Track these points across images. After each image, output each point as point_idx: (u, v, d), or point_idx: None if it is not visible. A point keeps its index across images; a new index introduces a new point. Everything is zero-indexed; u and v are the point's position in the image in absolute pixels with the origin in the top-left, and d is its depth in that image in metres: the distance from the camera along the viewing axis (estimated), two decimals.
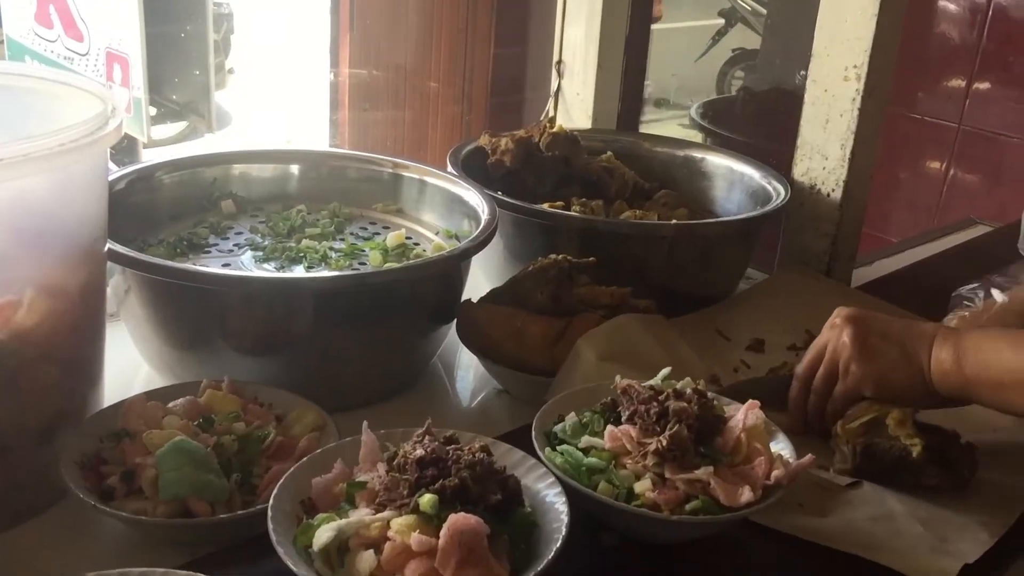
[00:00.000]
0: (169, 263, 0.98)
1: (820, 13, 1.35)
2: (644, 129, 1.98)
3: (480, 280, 1.32)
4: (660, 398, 0.86)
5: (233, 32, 4.95)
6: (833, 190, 1.38)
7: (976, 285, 1.33)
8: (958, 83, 2.59)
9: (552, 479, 0.81)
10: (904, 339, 0.96)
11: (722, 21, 5.71)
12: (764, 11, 5.08)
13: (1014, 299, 1.15)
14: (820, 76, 1.36)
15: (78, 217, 0.86)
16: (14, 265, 0.80)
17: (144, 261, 0.95)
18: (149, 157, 1.26)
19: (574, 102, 1.68)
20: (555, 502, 0.79)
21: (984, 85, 2.55)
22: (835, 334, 1.00)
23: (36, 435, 0.84)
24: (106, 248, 0.92)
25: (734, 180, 1.48)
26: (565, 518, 0.76)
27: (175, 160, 1.22)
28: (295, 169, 1.30)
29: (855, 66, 1.32)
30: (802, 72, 1.42)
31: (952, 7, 2.53)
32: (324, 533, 0.72)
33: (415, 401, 1.12)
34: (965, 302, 1.30)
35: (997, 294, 1.23)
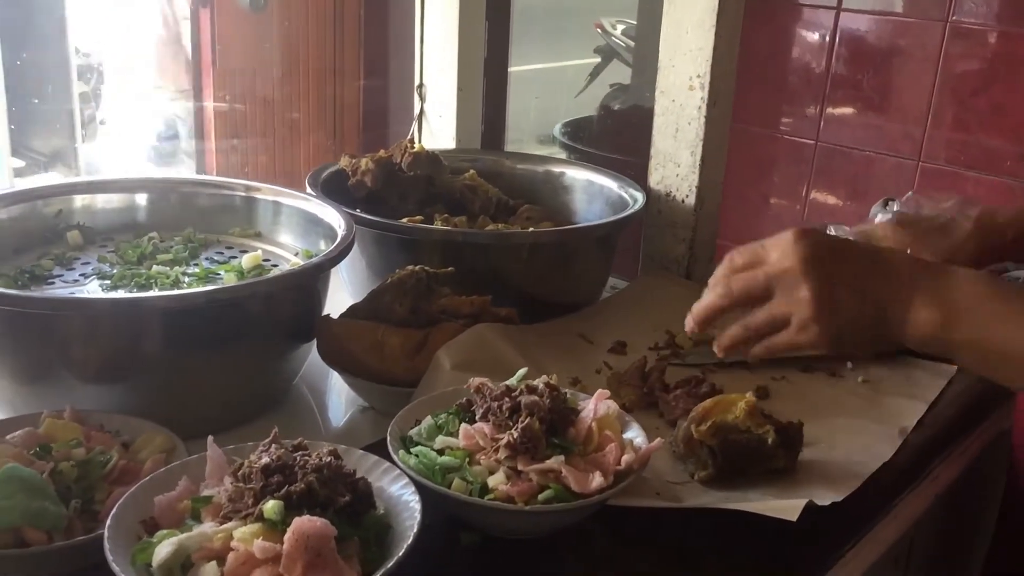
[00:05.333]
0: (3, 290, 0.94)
1: (663, 27, 1.40)
2: None
3: (347, 302, 1.31)
4: (513, 394, 0.86)
5: (104, 83, 4.82)
6: (687, 196, 1.43)
7: None
8: (814, 102, 2.73)
9: (406, 480, 0.81)
10: (879, 294, 0.83)
11: (599, 58, 5.87)
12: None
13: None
14: (667, 87, 1.41)
15: None
16: None
17: None
18: None
19: (437, 124, 1.69)
20: (409, 501, 0.79)
21: (836, 103, 2.69)
22: (790, 281, 0.83)
23: None
24: None
25: (594, 192, 1.51)
26: (418, 516, 0.76)
27: (13, 193, 1.17)
28: (143, 198, 1.26)
29: (698, 76, 1.37)
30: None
31: (805, 36, 2.67)
32: (163, 548, 0.69)
33: (277, 423, 1.09)
34: None
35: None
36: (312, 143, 2.26)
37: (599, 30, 6.45)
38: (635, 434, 0.90)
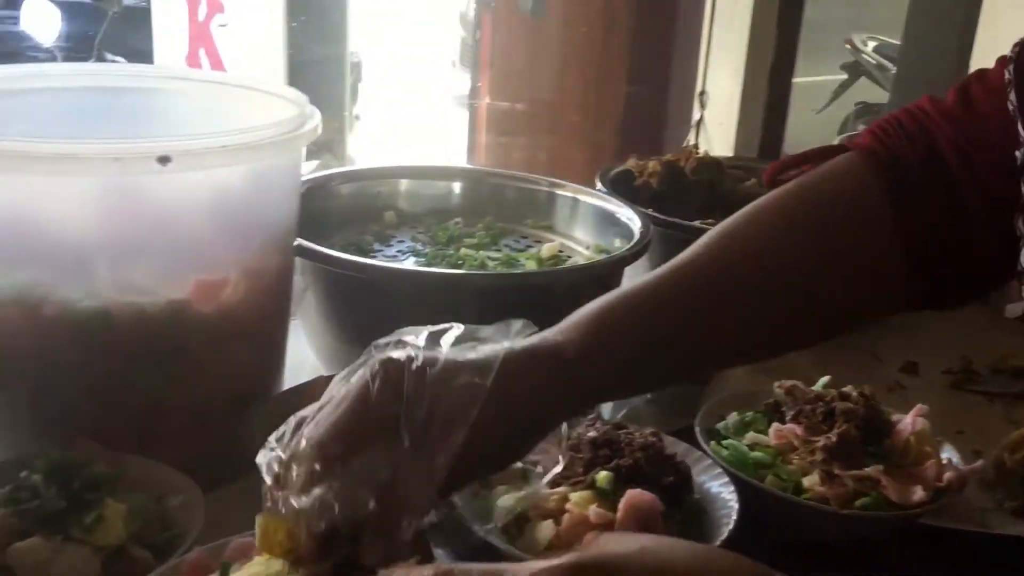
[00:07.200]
0: (357, 258, 1.05)
1: (975, 52, 1.34)
2: None
3: None
4: (826, 399, 0.87)
5: (361, 80, 5.17)
6: None
7: None
8: None
9: (718, 470, 0.83)
10: None
11: (845, 75, 5.65)
12: (890, 65, 5.02)
13: None
14: None
15: (275, 209, 0.93)
16: (224, 248, 0.87)
17: (332, 256, 1.02)
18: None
19: (716, 131, 1.71)
20: (721, 492, 0.81)
21: None
22: None
23: (230, 408, 0.91)
24: (296, 242, 0.99)
25: None
26: (735, 504, 0.78)
27: (349, 171, 1.30)
28: (457, 186, 1.36)
29: None
30: None
31: None
32: (505, 502, 0.76)
33: None
34: None
35: None
36: (581, 143, 2.34)
37: (848, 46, 6.15)
38: (950, 454, 0.88)
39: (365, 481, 0.56)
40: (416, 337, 0.61)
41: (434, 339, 0.61)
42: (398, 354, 0.58)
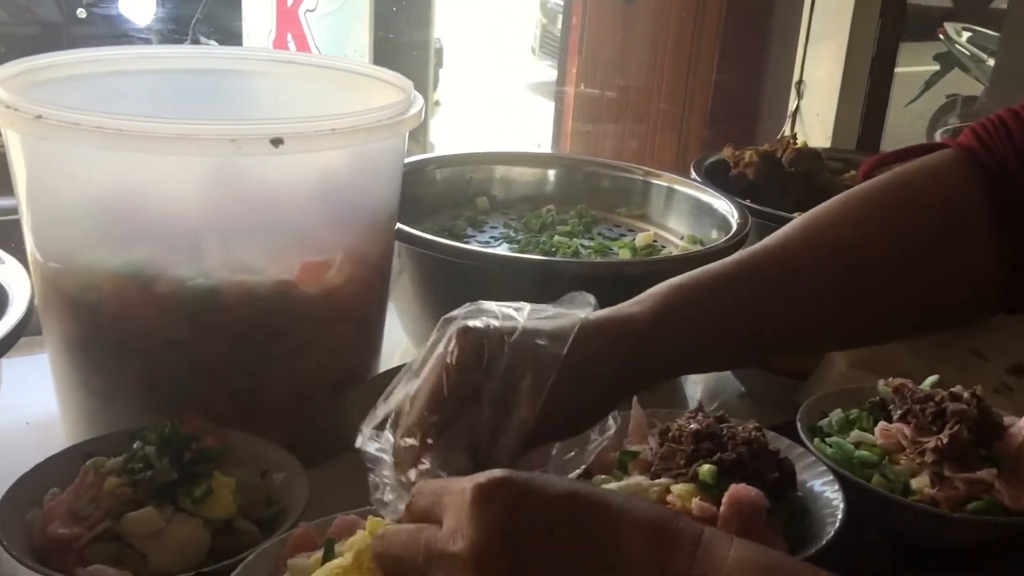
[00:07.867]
0: (455, 243, 1.06)
1: None
2: None
3: None
4: (936, 399, 0.84)
5: (442, 66, 5.19)
6: None
7: None
8: None
9: (822, 468, 0.81)
10: None
11: (937, 66, 5.47)
12: (985, 56, 4.83)
13: None
14: None
15: (379, 192, 0.94)
16: (329, 230, 0.89)
17: (431, 240, 1.03)
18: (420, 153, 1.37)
19: (813, 122, 1.67)
20: (824, 490, 0.80)
21: None
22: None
23: (331, 388, 0.93)
24: (396, 225, 1.00)
25: None
26: (840, 504, 0.76)
27: (443, 157, 1.31)
28: (551, 173, 1.36)
29: None
30: None
31: None
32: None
33: (653, 404, 1.14)
34: None
35: None
36: (670, 132, 2.31)
37: (941, 37, 5.95)
38: None
39: (460, 446, 0.59)
40: (493, 307, 0.64)
41: (508, 311, 0.64)
42: (475, 322, 0.61)
